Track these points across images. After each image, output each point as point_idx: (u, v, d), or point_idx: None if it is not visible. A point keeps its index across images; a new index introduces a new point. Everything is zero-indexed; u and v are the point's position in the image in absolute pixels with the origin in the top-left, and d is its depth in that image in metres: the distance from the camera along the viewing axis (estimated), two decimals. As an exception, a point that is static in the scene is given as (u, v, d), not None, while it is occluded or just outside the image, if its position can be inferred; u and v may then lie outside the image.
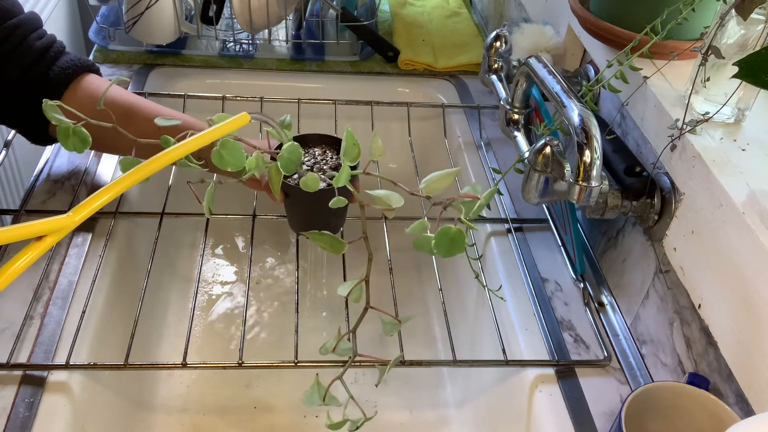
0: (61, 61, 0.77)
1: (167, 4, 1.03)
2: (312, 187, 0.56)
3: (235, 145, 0.51)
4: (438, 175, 0.51)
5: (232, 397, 0.84)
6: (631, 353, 0.70)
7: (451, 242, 0.47)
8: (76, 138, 0.50)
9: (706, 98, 0.61)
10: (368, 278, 0.51)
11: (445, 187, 0.51)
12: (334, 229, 0.75)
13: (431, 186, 0.51)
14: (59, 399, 0.61)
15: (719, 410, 0.54)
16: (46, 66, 0.76)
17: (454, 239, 0.47)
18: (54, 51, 0.77)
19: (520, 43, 0.93)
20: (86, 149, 0.52)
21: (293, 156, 0.57)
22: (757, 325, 0.50)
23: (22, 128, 0.80)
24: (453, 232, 0.47)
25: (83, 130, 0.51)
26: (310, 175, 0.56)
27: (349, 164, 0.53)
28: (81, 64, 0.78)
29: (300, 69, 1.13)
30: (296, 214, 0.74)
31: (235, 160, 0.52)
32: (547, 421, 0.63)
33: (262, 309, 0.96)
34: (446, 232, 0.47)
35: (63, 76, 0.76)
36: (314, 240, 0.52)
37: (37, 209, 0.79)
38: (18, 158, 1.20)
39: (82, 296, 0.69)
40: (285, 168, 0.57)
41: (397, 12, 1.28)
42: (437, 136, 1.05)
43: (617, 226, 0.77)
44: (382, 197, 0.50)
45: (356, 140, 0.53)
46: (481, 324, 0.82)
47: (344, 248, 0.51)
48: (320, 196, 0.64)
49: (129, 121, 0.74)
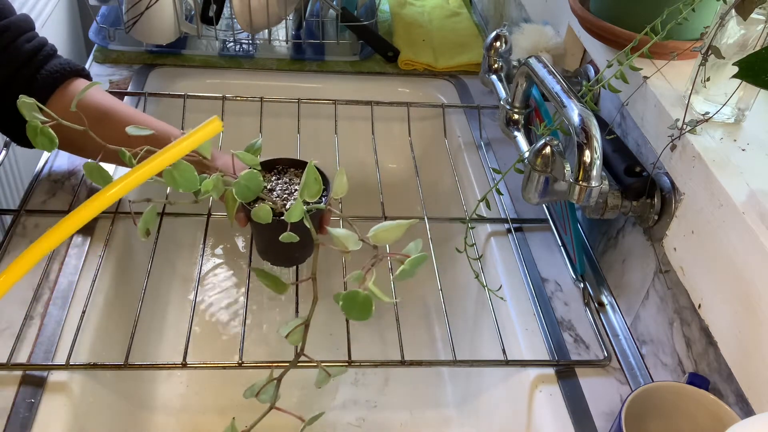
0: (50, 64, 0.77)
1: (167, 4, 1.03)
2: (264, 219, 0.53)
3: (187, 166, 0.49)
4: (389, 225, 0.49)
5: (232, 397, 0.84)
6: (631, 353, 0.70)
7: (361, 306, 0.46)
8: (44, 137, 0.50)
9: (706, 98, 0.61)
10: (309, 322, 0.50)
11: (395, 238, 0.49)
12: (298, 260, 0.74)
13: (380, 236, 0.49)
14: (59, 399, 0.61)
15: (719, 410, 0.54)
16: (35, 69, 0.75)
17: (363, 304, 0.46)
18: (44, 54, 0.77)
19: (520, 43, 0.93)
20: (54, 149, 0.51)
21: (251, 184, 0.53)
22: (757, 325, 0.50)
23: (7, 130, 0.79)
24: (361, 297, 0.46)
25: (50, 130, 0.50)
26: (262, 207, 0.53)
27: (308, 200, 0.51)
28: (70, 69, 0.78)
29: (300, 69, 1.13)
30: (262, 242, 0.73)
31: (187, 182, 0.49)
32: (547, 421, 0.63)
33: (263, 309, 0.96)
34: (354, 296, 0.46)
35: (51, 79, 0.76)
36: (259, 278, 0.51)
37: (37, 209, 0.79)
38: (18, 158, 1.20)
39: (82, 296, 0.69)
40: (241, 196, 0.53)
41: (397, 12, 1.28)
42: (437, 136, 1.05)
43: (617, 226, 0.77)
44: (341, 237, 0.49)
45: (318, 176, 0.51)
46: (481, 324, 0.82)
47: (287, 290, 0.51)
48: (280, 227, 0.57)
49: (102, 125, 0.73)
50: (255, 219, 0.54)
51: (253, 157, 0.55)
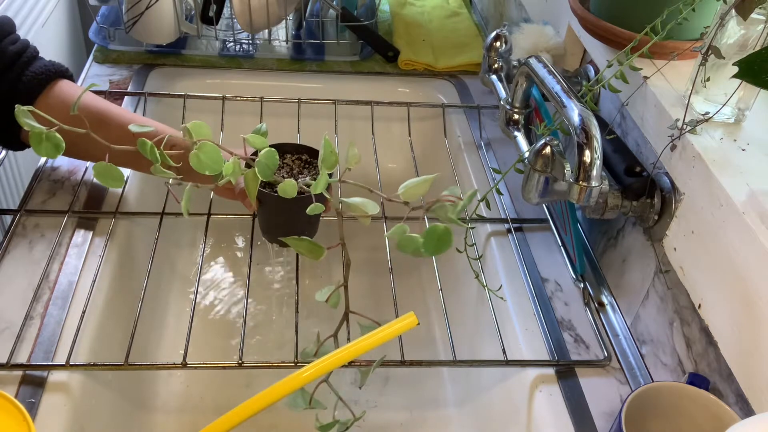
0: (34, 66, 0.76)
1: (167, 4, 1.03)
2: (289, 194, 0.55)
3: (213, 147, 0.51)
4: (415, 182, 0.51)
5: (232, 397, 0.84)
6: (631, 353, 0.70)
7: (438, 240, 0.48)
8: (49, 143, 0.50)
9: (706, 98, 0.61)
10: (347, 284, 0.51)
11: (422, 193, 0.52)
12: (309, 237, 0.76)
13: (409, 192, 0.51)
14: (59, 399, 0.61)
15: (719, 410, 0.54)
16: (19, 71, 0.75)
17: (441, 237, 0.48)
18: (27, 56, 0.76)
19: (520, 43, 0.93)
20: (59, 155, 0.51)
21: (270, 162, 0.56)
22: (757, 325, 0.50)
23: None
24: (440, 230, 0.48)
25: (56, 135, 0.50)
26: (288, 182, 0.55)
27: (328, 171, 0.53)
28: (54, 70, 0.77)
29: (300, 69, 1.13)
30: (270, 222, 0.74)
31: (213, 162, 0.51)
32: (547, 421, 0.63)
33: (262, 309, 0.96)
34: (434, 231, 0.48)
35: (36, 81, 0.75)
36: (293, 246, 0.52)
37: (37, 209, 0.79)
38: (18, 158, 1.20)
39: (82, 296, 0.69)
40: (262, 174, 0.56)
41: (397, 12, 1.28)
42: (437, 136, 1.05)
43: (617, 226, 0.77)
44: (358, 204, 0.50)
45: (333, 148, 0.53)
46: (481, 324, 0.82)
47: (323, 254, 0.51)
48: (295, 204, 0.62)
49: (102, 128, 0.73)
50: (281, 194, 0.55)
51: (263, 140, 0.56)
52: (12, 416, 0.50)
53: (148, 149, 0.50)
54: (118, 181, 0.53)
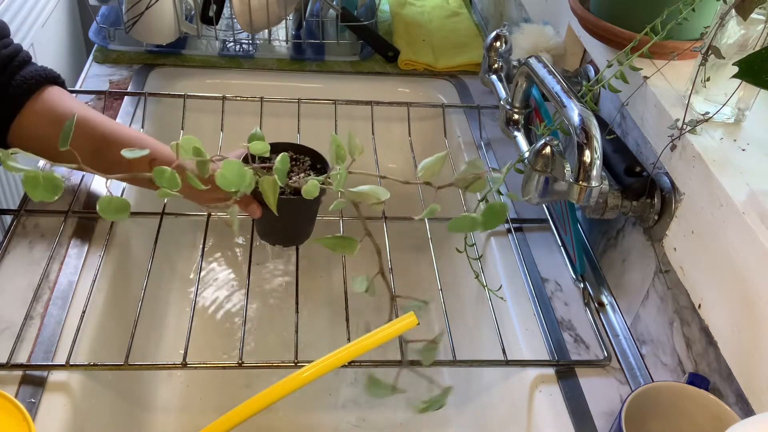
0: (25, 71, 0.75)
1: (167, 4, 1.03)
2: (312, 194, 0.54)
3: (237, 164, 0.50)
4: (431, 161, 0.52)
5: (232, 397, 0.84)
6: (631, 353, 0.70)
7: (497, 215, 0.50)
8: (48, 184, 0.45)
9: (706, 98, 0.61)
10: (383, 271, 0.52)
11: (438, 170, 0.52)
12: (299, 240, 0.77)
13: (428, 171, 0.52)
14: (59, 399, 0.61)
15: (719, 410, 0.54)
16: (10, 75, 0.74)
17: (500, 212, 0.50)
18: (19, 60, 0.75)
19: (520, 43, 0.93)
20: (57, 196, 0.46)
21: (284, 166, 0.55)
22: (757, 325, 0.50)
23: None
24: (498, 206, 0.50)
25: (55, 176, 0.46)
26: (312, 182, 0.55)
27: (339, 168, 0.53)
28: (45, 76, 0.76)
29: (300, 69, 1.13)
30: (272, 225, 0.74)
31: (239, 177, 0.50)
32: (547, 421, 0.63)
33: (262, 309, 0.96)
34: (493, 208, 0.50)
35: (25, 86, 0.74)
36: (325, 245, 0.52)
37: (37, 209, 0.79)
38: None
39: (82, 296, 0.69)
40: (281, 179, 0.55)
41: (397, 12, 1.28)
42: (437, 136, 1.05)
43: (617, 226, 0.77)
44: (369, 192, 0.50)
45: (341, 143, 0.53)
46: (481, 324, 0.82)
47: (357, 246, 0.51)
48: (301, 205, 0.63)
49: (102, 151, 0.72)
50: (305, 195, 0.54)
51: (265, 144, 0.55)
52: (12, 416, 0.50)
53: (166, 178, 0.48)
54: (122, 213, 0.49)
